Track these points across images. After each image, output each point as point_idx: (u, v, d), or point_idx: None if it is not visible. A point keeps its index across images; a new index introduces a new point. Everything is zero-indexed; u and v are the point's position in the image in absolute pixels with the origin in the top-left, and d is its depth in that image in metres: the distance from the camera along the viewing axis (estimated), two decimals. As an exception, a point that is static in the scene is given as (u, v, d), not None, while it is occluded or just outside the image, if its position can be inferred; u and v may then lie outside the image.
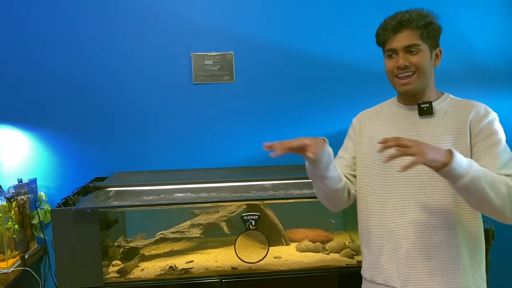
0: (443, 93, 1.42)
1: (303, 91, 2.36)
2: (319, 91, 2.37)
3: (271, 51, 2.32)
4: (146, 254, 1.99)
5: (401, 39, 1.30)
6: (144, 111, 2.30)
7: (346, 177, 1.47)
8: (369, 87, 2.37)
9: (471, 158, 1.29)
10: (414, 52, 1.30)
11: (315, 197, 1.95)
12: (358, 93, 2.38)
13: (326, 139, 1.32)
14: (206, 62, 2.29)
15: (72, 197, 1.94)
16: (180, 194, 2.00)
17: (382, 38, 1.36)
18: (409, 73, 1.31)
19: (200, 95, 2.31)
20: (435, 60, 1.35)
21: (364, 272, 1.45)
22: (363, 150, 1.46)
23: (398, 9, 1.42)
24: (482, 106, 1.34)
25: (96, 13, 2.22)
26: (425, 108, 1.35)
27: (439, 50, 1.36)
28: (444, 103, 1.37)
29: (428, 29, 1.30)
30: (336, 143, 2.37)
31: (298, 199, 1.96)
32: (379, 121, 1.45)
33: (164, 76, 2.29)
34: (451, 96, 1.41)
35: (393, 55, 1.34)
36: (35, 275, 2.04)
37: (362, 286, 1.48)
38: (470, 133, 1.30)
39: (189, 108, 2.31)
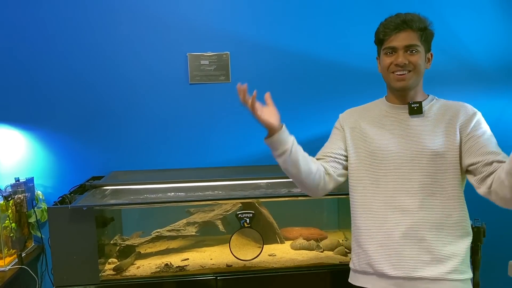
0: (428, 95, 1.48)
1: (298, 91, 2.38)
2: (314, 91, 2.39)
3: (267, 52, 2.34)
4: (142, 252, 2.00)
5: (403, 38, 1.36)
6: (141, 111, 2.31)
7: (328, 160, 1.50)
8: (365, 88, 2.38)
9: (462, 156, 1.37)
10: (414, 52, 1.36)
11: (310, 196, 1.98)
12: (353, 94, 2.39)
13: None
14: (202, 62, 2.31)
15: (68, 195, 1.95)
16: (176, 193, 2.02)
17: (383, 36, 1.40)
18: (405, 72, 1.37)
19: (196, 95, 2.33)
20: (427, 63, 1.42)
21: (355, 265, 1.48)
22: (352, 146, 1.49)
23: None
24: (468, 107, 1.42)
25: (92, 13, 2.24)
26: (415, 108, 1.41)
27: (431, 54, 1.44)
28: (432, 103, 1.44)
29: (426, 33, 1.38)
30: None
31: (292, 197, 1.98)
32: (368, 119, 1.49)
33: (160, 76, 2.30)
34: (436, 97, 1.48)
35: (392, 53, 1.39)
36: (32, 273, 2.06)
37: (350, 279, 1.51)
38: (460, 134, 1.37)
39: (185, 107, 2.33)
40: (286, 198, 2.01)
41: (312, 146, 2.37)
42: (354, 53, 2.37)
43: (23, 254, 2.08)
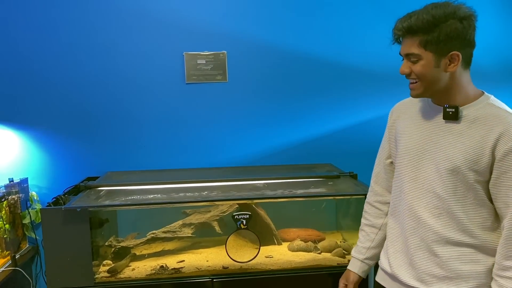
0: (482, 93, 1.29)
1: (295, 91, 2.36)
2: (312, 91, 2.36)
3: (264, 51, 2.31)
4: (137, 253, 1.98)
5: (403, 47, 1.26)
6: (137, 111, 2.29)
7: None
8: (362, 87, 2.38)
9: (489, 179, 1.22)
10: (413, 61, 1.24)
11: (307, 197, 1.95)
12: (350, 94, 2.38)
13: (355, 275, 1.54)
14: (199, 61, 2.29)
15: (62, 196, 1.92)
16: (172, 194, 1.99)
17: (395, 42, 1.30)
18: (413, 81, 1.27)
19: (192, 95, 2.31)
20: (448, 65, 1.22)
21: (380, 261, 1.48)
22: (392, 144, 1.45)
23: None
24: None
25: (88, 13, 2.21)
26: (450, 113, 1.26)
27: (455, 54, 1.21)
28: (476, 109, 1.25)
29: (433, 36, 1.19)
30: (328, 143, 2.40)
31: (290, 198, 1.96)
32: (408, 117, 1.39)
33: (156, 75, 2.28)
34: (491, 99, 1.27)
35: (404, 60, 1.29)
36: (25, 275, 2.03)
37: (377, 274, 1.51)
38: (493, 154, 1.20)
39: (181, 107, 2.31)
40: (284, 199, 1.99)
41: (308, 147, 2.38)
42: (353, 52, 2.35)
43: (17, 256, 2.05)
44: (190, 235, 1.98)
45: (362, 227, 1.55)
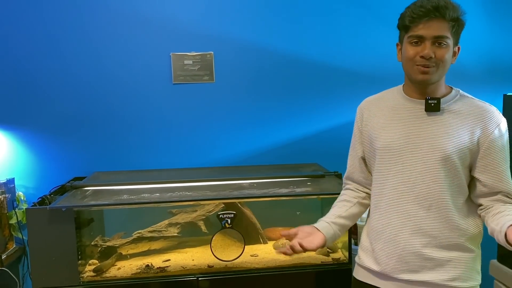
0: (451, 88, 1.34)
1: (282, 92, 2.38)
2: (298, 92, 2.39)
3: (251, 52, 2.33)
4: (123, 253, 1.99)
5: (433, 28, 1.20)
6: (124, 111, 2.30)
7: (360, 187, 1.49)
8: (347, 88, 2.40)
9: (475, 166, 1.28)
10: (442, 45, 1.22)
11: (293, 196, 1.97)
12: (336, 94, 2.40)
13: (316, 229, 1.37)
14: (186, 62, 2.30)
15: (48, 196, 1.93)
16: (158, 194, 2.00)
17: (409, 22, 1.23)
18: (430, 65, 1.23)
19: (179, 95, 2.32)
20: (453, 57, 1.28)
21: (361, 259, 1.43)
22: (365, 142, 1.42)
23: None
24: (493, 118, 1.27)
25: (74, 13, 2.22)
26: (432, 104, 1.28)
27: (458, 47, 1.29)
28: (454, 101, 1.31)
29: (458, 24, 1.23)
30: (314, 143, 2.42)
31: (275, 197, 1.98)
32: (382, 111, 1.38)
33: (143, 76, 2.29)
34: (461, 92, 1.34)
35: (418, 43, 1.23)
36: (12, 275, 2.04)
37: (355, 272, 1.47)
38: (478, 142, 1.26)
39: (168, 108, 2.32)
40: (269, 198, 2.00)
41: (295, 147, 2.40)
42: (338, 53, 2.37)
43: (4, 256, 2.06)
44: (176, 234, 1.99)
45: (334, 204, 1.49)
